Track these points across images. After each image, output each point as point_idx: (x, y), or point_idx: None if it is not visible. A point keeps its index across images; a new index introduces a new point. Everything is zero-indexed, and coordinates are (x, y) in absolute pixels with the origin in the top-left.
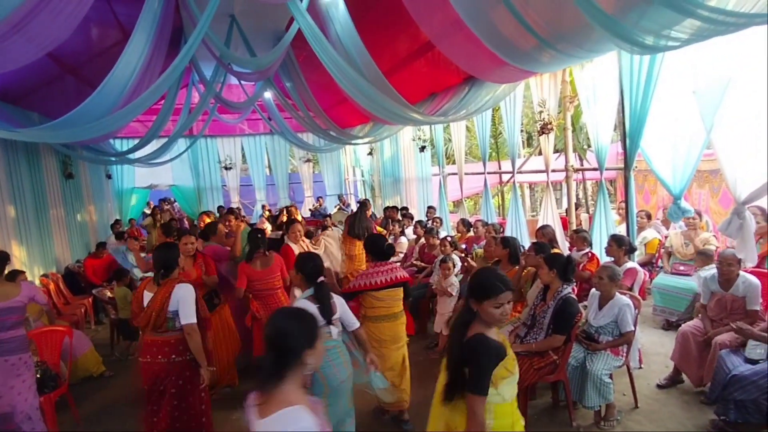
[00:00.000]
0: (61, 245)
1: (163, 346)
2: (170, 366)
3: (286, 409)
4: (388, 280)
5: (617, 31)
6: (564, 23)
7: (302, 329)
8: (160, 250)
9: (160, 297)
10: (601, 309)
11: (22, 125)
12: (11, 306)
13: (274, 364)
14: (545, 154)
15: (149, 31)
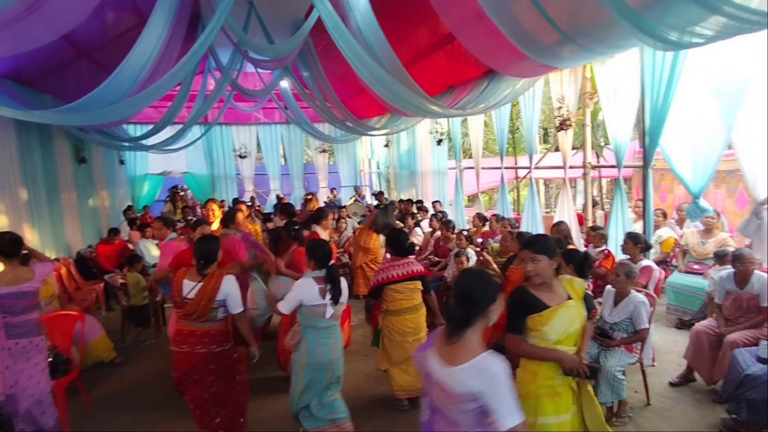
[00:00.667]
0: (72, 230)
1: (203, 336)
2: (210, 356)
3: (480, 356)
4: (404, 274)
5: (641, 25)
6: (586, 17)
7: (487, 287)
8: (203, 243)
9: (210, 288)
10: (617, 306)
11: (35, 107)
12: (23, 290)
13: (464, 317)
14: (563, 151)
15: (167, 16)
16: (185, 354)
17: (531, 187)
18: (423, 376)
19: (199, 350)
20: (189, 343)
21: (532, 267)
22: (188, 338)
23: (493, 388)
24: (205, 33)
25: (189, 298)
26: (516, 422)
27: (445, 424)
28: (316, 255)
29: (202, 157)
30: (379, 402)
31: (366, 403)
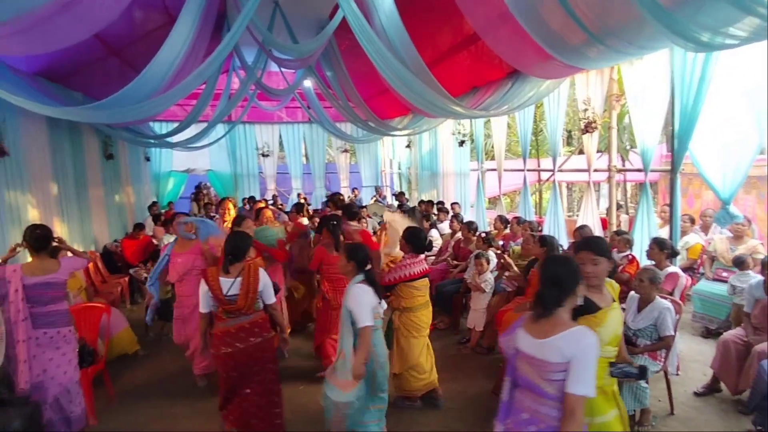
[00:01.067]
0: (99, 224)
1: (253, 327)
2: (266, 343)
3: (571, 329)
4: (422, 271)
5: (672, 26)
6: (615, 17)
7: (573, 271)
8: (233, 238)
9: (252, 280)
10: (640, 312)
11: (66, 104)
12: (49, 281)
13: (555, 299)
14: (587, 154)
15: (194, 15)
16: (242, 351)
17: (554, 190)
18: (508, 358)
19: (253, 341)
20: (241, 339)
21: (592, 269)
22: (239, 334)
23: (582, 356)
24: (231, 32)
25: (233, 294)
26: (586, 393)
27: (529, 399)
28: (356, 257)
29: (225, 155)
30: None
31: None
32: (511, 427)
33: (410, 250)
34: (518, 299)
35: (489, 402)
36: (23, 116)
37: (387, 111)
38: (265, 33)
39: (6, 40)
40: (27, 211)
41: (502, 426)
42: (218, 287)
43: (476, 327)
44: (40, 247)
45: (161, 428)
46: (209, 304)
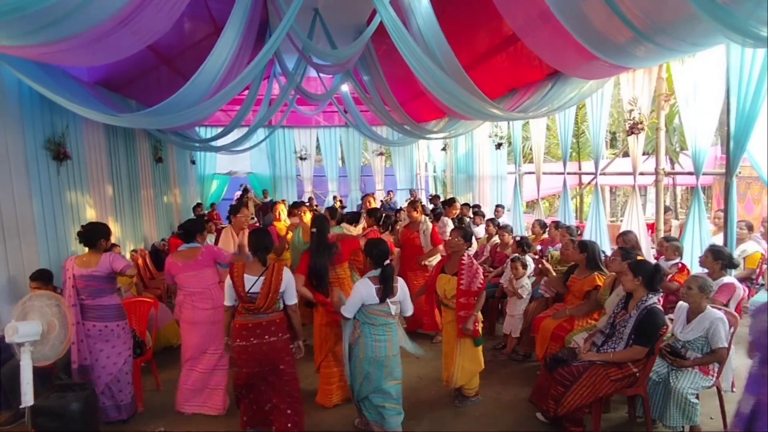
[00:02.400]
0: (149, 224)
1: (270, 326)
2: (280, 344)
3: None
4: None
5: (729, 21)
6: (665, 14)
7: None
8: (257, 235)
9: (275, 279)
10: (690, 322)
11: (122, 111)
12: (92, 274)
13: None
14: (633, 156)
15: (239, 24)
16: (255, 347)
17: (596, 193)
18: (758, 334)
19: (268, 340)
20: (257, 335)
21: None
22: (255, 330)
23: None
24: (271, 39)
25: (254, 292)
26: None
27: None
28: (371, 253)
29: (265, 158)
30: (428, 405)
31: (415, 406)
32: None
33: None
34: (557, 306)
35: (523, 409)
36: (84, 122)
37: (423, 114)
38: (304, 40)
39: (70, 53)
40: (85, 211)
41: (753, 399)
42: (242, 283)
43: (512, 333)
44: (87, 243)
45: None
46: (233, 297)
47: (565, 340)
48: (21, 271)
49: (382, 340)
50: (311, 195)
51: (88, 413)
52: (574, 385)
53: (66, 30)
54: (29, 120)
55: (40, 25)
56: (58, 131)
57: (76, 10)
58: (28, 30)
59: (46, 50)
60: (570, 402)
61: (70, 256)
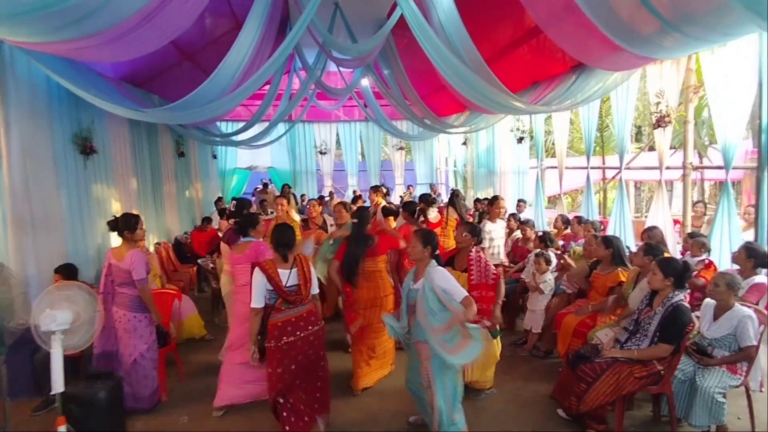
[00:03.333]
0: (171, 217)
1: (310, 315)
2: (321, 331)
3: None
4: None
5: (761, 10)
6: (694, 3)
7: None
8: (281, 230)
9: (307, 268)
10: (716, 320)
11: (145, 106)
12: (119, 266)
13: None
14: (659, 150)
15: (260, 19)
16: (303, 339)
17: (620, 188)
18: None
19: (312, 330)
20: (302, 327)
21: None
22: (299, 323)
23: None
24: (291, 33)
25: (292, 284)
26: None
27: None
28: (432, 242)
29: (285, 152)
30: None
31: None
32: None
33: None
34: (580, 302)
35: (544, 406)
36: (109, 118)
37: (444, 108)
38: (325, 34)
39: (96, 49)
40: (111, 204)
41: None
42: (279, 278)
43: (533, 329)
44: (119, 233)
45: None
46: (264, 297)
47: (587, 336)
48: (49, 262)
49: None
50: (331, 189)
51: (114, 401)
52: (597, 382)
53: (92, 26)
54: (57, 115)
55: (67, 21)
56: (84, 126)
57: (102, 7)
58: (56, 26)
59: (72, 46)
60: (592, 399)
61: (96, 248)
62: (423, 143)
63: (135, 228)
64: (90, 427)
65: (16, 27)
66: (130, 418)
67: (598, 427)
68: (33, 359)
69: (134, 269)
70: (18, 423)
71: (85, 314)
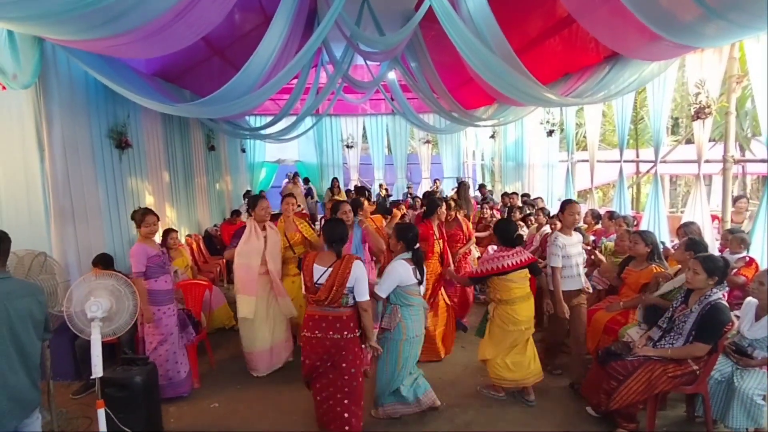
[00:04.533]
0: (202, 210)
1: (335, 321)
2: (343, 342)
3: None
4: (516, 263)
5: None
6: None
7: None
8: (331, 225)
9: (341, 273)
10: (758, 320)
11: (177, 101)
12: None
13: None
14: (698, 143)
15: (288, 14)
16: (319, 340)
17: (655, 182)
18: None
19: (331, 336)
20: (322, 329)
21: None
22: (320, 323)
23: None
24: (320, 27)
25: (321, 283)
26: None
27: None
28: (405, 237)
29: (312, 146)
30: (475, 395)
31: (461, 395)
32: None
33: (498, 243)
34: (610, 298)
35: (572, 402)
36: (143, 112)
37: (471, 101)
38: (352, 27)
39: (130, 46)
40: (144, 197)
41: None
42: (310, 273)
43: None
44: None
45: (254, 394)
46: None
47: (618, 333)
48: (88, 252)
49: (417, 319)
50: (357, 183)
51: (150, 385)
52: (628, 380)
53: (127, 24)
54: (94, 110)
55: (103, 19)
56: (120, 121)
57: (137, 5)
58: (93, 24)
59: (109, 44)
60: (623, 397)
61: (131, 238)
62: (450, 136)
63: (139, 224)
64: (127, 410)
65: (56, 25)
66: (164, 403)
67: (629, 426)
68: (74, 344)
69: (132, 261)
70: (59, 405)
71: (120, 302)
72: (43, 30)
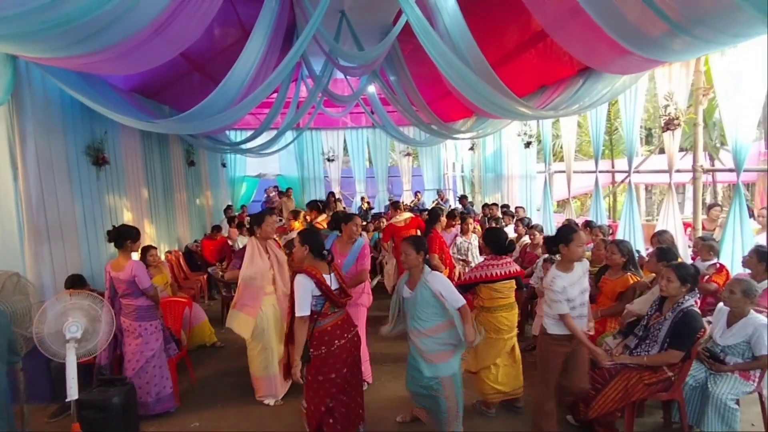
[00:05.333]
0: (182, 226)
1: (348, 318)
2: (359, 333)
3: None
4: (504, 273)
5: None
6: (703, 5)
7: None
8: (311, 234)
9: (340, 274)
10: (730, 327)
11: (156, 117)
12: (119, 277)
13: None
14: (669, 153)
15: (267, 28)
16: (351, 340)
17: (630, 192)
18: None
19: (355, 330)
20: (347, 329)
21: None
22: (345, 324)
23: None
24: (298, 42)
25: (335, 288)
26: None
27: None
28: (424, 248)
29: (293, 160)
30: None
31: None
32: None
33: (489, 252)
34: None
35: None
36: (121, 129)
37: (450, 114)
38: (331, 42)
39: (108, 62)
40: (123, 214)
41: None
42: (328, 285)
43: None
44: (115, 244)
45: (236, 412)
46: (309, 304)
47: (596, 341)
48: (65, 271)
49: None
50: (339, 196)
51: (128, 406)
52: (606, 388)
53: (104, 40)
54: (70, 127)
55: (80, 37)
56: (97, 137)
57: (114, 22)
58: (70, 42)
59: (85, 61)
60: (601, 405)
61: (109, 257)
62: (430, 149)
63: (138, 238)
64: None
65: (32, 44)
66: (143, 422)
67: None
68: (49, 366)
69: (138, 280)
70: (35, 428)
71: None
72: (18, 48)
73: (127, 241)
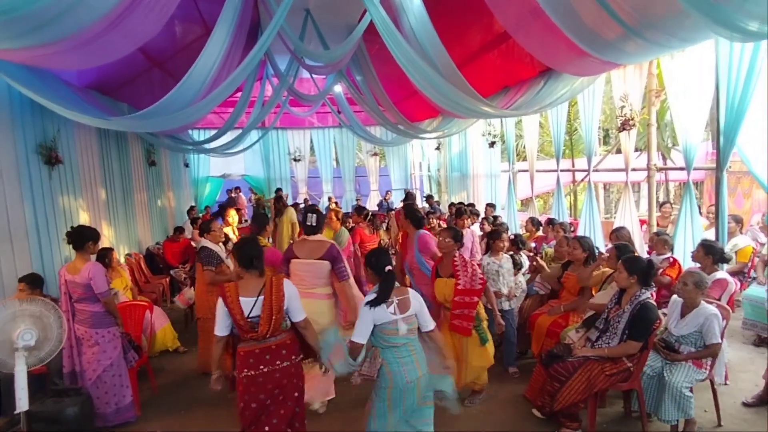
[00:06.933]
0: (143, 227)
1: (280, 349)
2: (292, 368)
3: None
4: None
5: (717, 16)
6: (654, 9)
7: None
8: (245, 245)
9: (277, 296)
10: (684, 317)
11: (114, 115)
12: (74, 281)
13: None
14: (625, 152)
15: (229, 25)
16: (267, 375)
17: (589, 190)
18: None
19: (280, 365)
20: (267, 361)
21: None
22: (264, 356)
23: None
24: (261, 40)
25: (254, 316)
26: None
27: None
28: (370, 264)
29: (259, 160)
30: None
31: None
32: None
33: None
34: (552, 302)
35: (519, 406)
36: (76, 127)
37: (416, 113)
38: (295, 41)
39: (61, 55)
40: (78, 215)
41: None
42: (239, 309)
43: None
44: (74, 245)
45: (202, 420)
46: (227, 326)
47: (560, 336)
48: (13, 276)
49: (408, 362)
50: (306, 196)
51: (84, 418)
52: (569, 380)
53: (56, 32)
54: (20, 124)
55: (29, 27)
56: (49, 135)
57: (66, 12)
58: (18, 33)
59: (35, 53)
60: (565, 397)
61: (63, 260)
62: (397, 149)
63: (99, 239)
64: None
65: None
66: None
67: (572, 425)
68: None
69: (95, 283)
70: None
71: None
72: None
73: (88, 242)
